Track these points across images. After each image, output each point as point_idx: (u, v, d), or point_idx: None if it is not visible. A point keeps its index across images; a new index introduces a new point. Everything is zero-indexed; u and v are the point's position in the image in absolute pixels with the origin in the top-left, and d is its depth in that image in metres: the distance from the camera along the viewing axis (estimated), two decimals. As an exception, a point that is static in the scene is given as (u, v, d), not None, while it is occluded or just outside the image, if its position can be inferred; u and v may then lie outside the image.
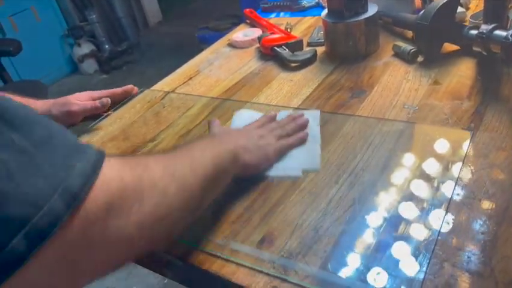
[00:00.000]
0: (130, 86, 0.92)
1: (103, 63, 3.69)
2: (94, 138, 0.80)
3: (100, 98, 0.84)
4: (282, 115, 0.72)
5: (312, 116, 0.71)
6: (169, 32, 4.27)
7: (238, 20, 2.94)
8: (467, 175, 0.54)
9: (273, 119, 0.70)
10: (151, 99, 0.90)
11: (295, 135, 0.66)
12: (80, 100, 0.82)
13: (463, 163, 0.56)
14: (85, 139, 0.80)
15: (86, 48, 3.66)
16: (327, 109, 0.74)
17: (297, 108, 0.76)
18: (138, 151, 0.73)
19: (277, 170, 0.62)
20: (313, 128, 0.68)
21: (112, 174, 0.36)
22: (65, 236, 0.31)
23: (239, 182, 0.59)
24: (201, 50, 1.10)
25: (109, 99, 0.84)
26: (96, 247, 0.34)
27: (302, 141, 0.65)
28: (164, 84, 0.97)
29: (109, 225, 0.35)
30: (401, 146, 0.62)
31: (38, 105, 0.80)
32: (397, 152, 0.61)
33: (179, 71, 1.02)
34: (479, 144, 0.58)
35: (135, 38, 3.94)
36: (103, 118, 0.85)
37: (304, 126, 0.68)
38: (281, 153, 0.63)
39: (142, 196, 0.38)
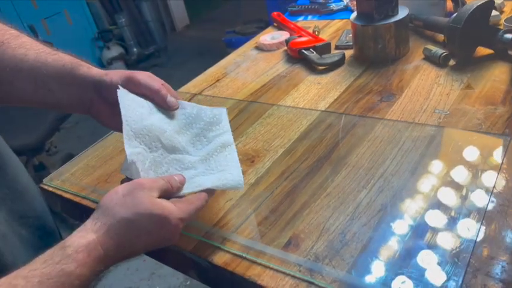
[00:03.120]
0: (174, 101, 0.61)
1: (131, 66, 3.76)
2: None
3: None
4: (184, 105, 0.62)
5: (219, 114, 0.61)
6: (196, 36, 4.31)
7: (264, 24, 2.95)
8: (501, 183, 0.52)
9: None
10: (179, 100, 0.91)
11: (196, 196, 0.52)
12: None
13: (498, 172, 0.54)
14: (112, 140, 0.82)
15: (115, 51, 3.74)
16: (356, 112, 0.73)
17: (324, 111, 0.75)
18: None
19: (201, 186, 0.53)
20: (226, 135, 0.59)
21: None
22: None
23: (263, 184, 0.59)
24: (227, 54, 1.11)
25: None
26: None
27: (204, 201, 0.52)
28: (191, 86, 0.97)
29: None
30: (432, 152, 0.60)
31: (95, 69, 0.59)
32: (427, 158, 0.59)
33: (206, 72, 1.02)
34: (514, 151, 0.57)
35: (162, 41, 4.01)
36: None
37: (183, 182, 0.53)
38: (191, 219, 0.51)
39: None
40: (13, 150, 0.65)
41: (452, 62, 0.80)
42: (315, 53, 0.91)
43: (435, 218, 0.50)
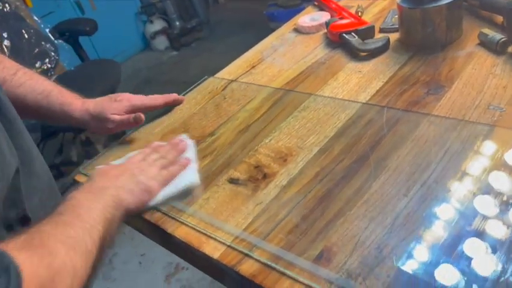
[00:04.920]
0: (171, 97, 0.84)
1: (174, 40, 3.76)
2: (155, 130, 0.80)
3: (138, 107, 0.78)
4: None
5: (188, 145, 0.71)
6: (238, 8, 4.24)
7: (307, -3, 2.84)
8: None
9: (155, 149, 0.70)
10: (213, 89, 0.88)
11: (178, 162, 0.66)
12: (117, 111, 0.76)
13: (559, 181, 0.48)
14: (145, 132, 0.81)
15: (158, 25, 3.75)
16: (399, 106, 0.67)
17: (365, 104, 0.70)
18: (197, 146, 0.72)
19: (164, 196, 0.62)
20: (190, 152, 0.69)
21: (30, 275, 0.41)
22: None
23: (295, 187, 0.56)
24: (269, 27, 1.07)
25: (143, 116, 0.76)
26: None
27: (184, 167, 0.66)
28: (227, 73, 0.94)
29: None
30: (484, 155, 0.55)
31: (78, 107, 0.75)
32: (476, 162, 0.54)
33: (242, 57, 0.99)
34: None
35: (205, 15, 3.96)
36: (137, 129, 0.83)
37: (183, 150, 0.69)
38: (164, 184, 0.63)
39: (56, 281, 0.44)
40: (60, 128, 0.83)
41: (511, 49, 0.72)
42: (357, 37, 0.85)
43: (480, 236, 0.45)
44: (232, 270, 0.50)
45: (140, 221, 0.63)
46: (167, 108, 0.86)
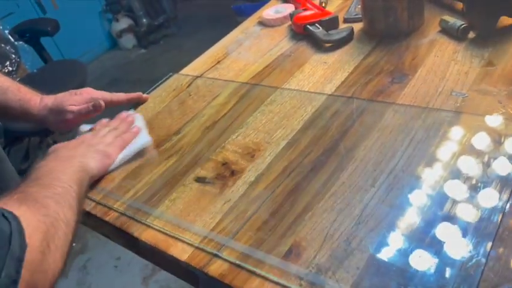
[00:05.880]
0: (135, 95, 0.84)
1: (141, 38, 3.69)
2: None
3: (99, 100, 0.76)
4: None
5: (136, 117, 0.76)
6: (206, 3, 4.19)
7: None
8: (525, 179, 0.47)
9: (104, 125, 0.74)
10: (177, 86, 0.86)
11: (130, 131, 0.71)
12: (76, 103, 0.75)
13: (520, 164, 0.48)
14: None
15: (124, 23, 3.67)
16: (365, 96, 0.67)
17: (331, 95, 0.69)
18: (162, 145, 0.70)
19: (120, 159, 0.68)
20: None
21: (33, 225, 0.46)
22: (24, 277, 0.41)
23: (263, 183, 0.55)
24: (237, 22, 1.05)
25: (102, 102, 0.76)
26: (40, 283, 0.44)
27: (136, 134, 0.71)
28: (192, 69, 0.92)
29: (46, 262, 0.45)
30: (450, 140, 0.55)
31: (37, 103, 0.75)
32: (443, 148, 0.54)
33: (207, 53, 0.97)
34: (540, 141, 0.51)
35: (172, 11, 3.90)
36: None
37: (132, 122, 0.74)
38: (121, 149, 0.68)
39: (58, 232, 0.49)
40: (25, 132, 0.84)
41: (471, 35, 0.73)
42: (321, 28, 0.85)
43: (451, 222, 0.45)
44: (200, 271, 0.49)
45: (106, 226, 0.61)
46: (131, 107, 0.83)
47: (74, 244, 0.53)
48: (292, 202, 0.53)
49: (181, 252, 0.52)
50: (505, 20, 0.72)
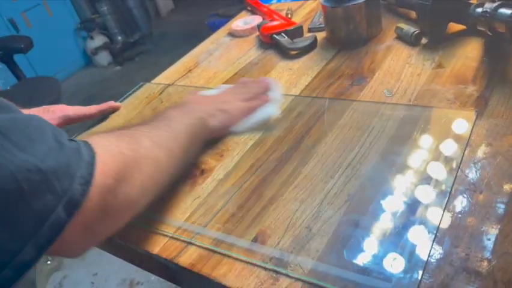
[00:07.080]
0: (107, 105, 0.86)
1: (116, 55, 3.71)
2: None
3: (71, 117, 0.79)
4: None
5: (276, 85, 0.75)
6: (181, 20, 4.25)
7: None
8: (468, 164, 0.51)
9: (244, 83, 0.76)
10: (150, 94, 0.89)
11: (259, 97, 0.71)
12: (51, 121, 0.74)
13: (463, 152, 0.53)
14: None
15: (99, 40, 3.68)
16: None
17: (297, 96, 0.73)
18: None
19: (245, 124, 0.69)
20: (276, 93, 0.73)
21: (115, 151, 0.47)
22: (89, 207, 0.41)
23: (231, 180, 0.58)
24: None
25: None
26: (110, 213, 0.45)
27: (265, 102, 0.71)
28: (163, 78, 0.95)
29: (119, 192, 0.45)
30: (402, 133, 0.59)
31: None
32: (397, 140, 0.58)
33: (178, 63, 1.00)
34: (483, 130, 0.55)
35: (147, 28, 3.94)
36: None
37: (268, 88, 0.73)
38: (245, 114, 0.69)
39: (140, 165, 0.48)
40: None
41: (424, 40, 0.78)
42: (286, 37, 0.89)
43: (406, 207, 0.49)
44: (171, 262, 0.51)
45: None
46: (104, 116, 0.85)
47: (49, 262, 0.54)
48: (258, 196, 0.56)
49: (152, 246, 0.54)
50: (453, 27, 0.78)
